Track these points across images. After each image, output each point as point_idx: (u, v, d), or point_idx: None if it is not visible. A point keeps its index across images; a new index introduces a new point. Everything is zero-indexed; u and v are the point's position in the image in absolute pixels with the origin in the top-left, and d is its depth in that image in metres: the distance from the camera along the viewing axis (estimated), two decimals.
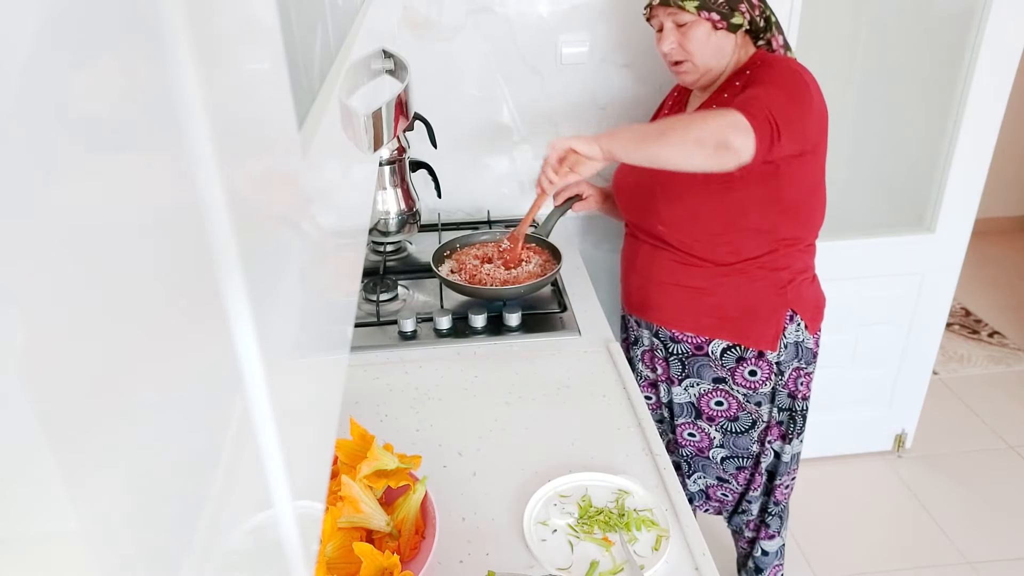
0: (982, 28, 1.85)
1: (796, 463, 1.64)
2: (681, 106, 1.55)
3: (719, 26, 1.36)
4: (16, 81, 0.15)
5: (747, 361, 1.50)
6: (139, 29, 0.21)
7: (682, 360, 1.56)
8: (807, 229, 1.46)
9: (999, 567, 2.05)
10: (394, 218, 1.80)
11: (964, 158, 2.00)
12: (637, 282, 1.59)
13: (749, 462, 1.61)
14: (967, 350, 3.00)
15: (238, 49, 0.29)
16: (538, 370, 1.40)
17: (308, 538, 0.36)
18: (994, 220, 3.79)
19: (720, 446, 1.61)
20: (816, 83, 1.35)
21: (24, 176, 0.15)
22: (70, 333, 0.17)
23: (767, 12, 1.40)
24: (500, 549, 1.01)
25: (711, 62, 1.40)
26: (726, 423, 1.58)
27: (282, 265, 0.34)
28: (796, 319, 1.48)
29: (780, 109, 1.23)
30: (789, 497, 1.68)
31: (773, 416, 1.55)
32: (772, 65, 1.36)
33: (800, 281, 1.47)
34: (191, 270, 0.24)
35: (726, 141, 1.18)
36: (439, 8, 1.79)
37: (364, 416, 1.25)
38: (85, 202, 0.18)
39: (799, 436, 1.59)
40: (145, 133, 0.21)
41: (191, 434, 0.24)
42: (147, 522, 0.21)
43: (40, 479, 0.16)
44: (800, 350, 1.50)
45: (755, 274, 1.45)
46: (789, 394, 1.53)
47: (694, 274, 1.48)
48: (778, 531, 1.70)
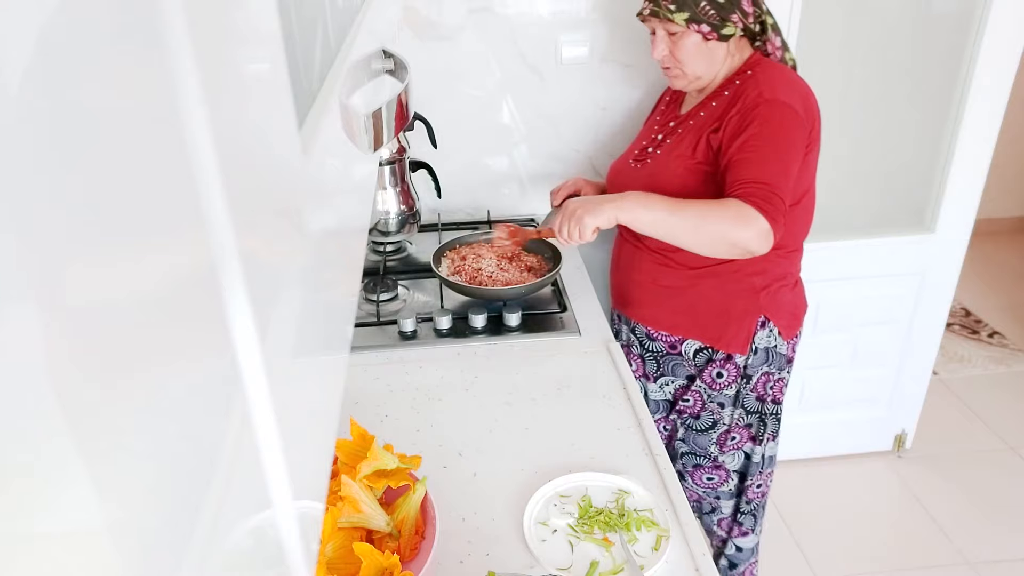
0: (982, 28, 1.85)
1: (771, 465, 1.64)
2: (676, 107, 1.55)
3: (709, 37, 1.35)
4: (16, 77, 0.15)
5: (715, 363, 1.51)
6: (139, 29, 0.21)
7: (657, 358, 1.58)
8: (788, 237, 1.43)
9: (998, 567, 2.05)
10: (394, 218, 1.80)
11: (964, 158, 2.00)
12: (619, 279, 1.63)
13: (707, 462, 1.62)
14: (967, 350, 3.00)
15: (238, 49, 0.29)
16: (538, 370, 1.40)
17: (308, 538, 0.36)
18: (994, 220, 3.79)
19: (682, 440, 1.63)
20: (805, 93, 1.36)
21: (24, 175, 0.15)
22: (69, 333, 0.17)
23: (762, 16, 1.39)
24: (500, 549, 1.01)
25: (701, 70, 1.40)
26: (689, 419, 1.60)
27: (282, 265, 0.34)
28: (769, 325, 1.48)
29: (785, 185, 1.27)
30: (764, 497, 1.68)
31: (736, 420, 1.55)
32: (768, 109, 1.31)
33: (777, 287, 1.47)
34: (191, 270, 0.24)
35: (753, 250, 1.26)
36: (439, 8, 1.79)
37: (364, 416, 1.25)
38: (85, 203, 0.18)
39: (773, 438, 1.59)
40: (145, 133, 0.21)
41: (191, 434, 0.24)
42: (147, 522, 0.21)
43: (41, 479, 0.16)
44: (771, 355, 1.50)
45: (728, 277, 1.45)
46: (757, 397, 1.53)
47: (670, 274, 1.49)
48: (752, 529, 1.69)
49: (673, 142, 1.46)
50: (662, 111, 1.60)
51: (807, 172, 1.40)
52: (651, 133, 1.55)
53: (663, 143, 1.49)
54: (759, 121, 1.30)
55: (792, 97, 1.33)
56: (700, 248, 1.31)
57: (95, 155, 0.18)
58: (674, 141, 1.46)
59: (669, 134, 1.49)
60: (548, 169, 2.00)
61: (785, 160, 1.29)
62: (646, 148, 1.53)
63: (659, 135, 1.52)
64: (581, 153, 1.99)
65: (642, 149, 1.54)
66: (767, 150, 1.29)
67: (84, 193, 0.18)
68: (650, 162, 1.48)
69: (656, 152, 1.49)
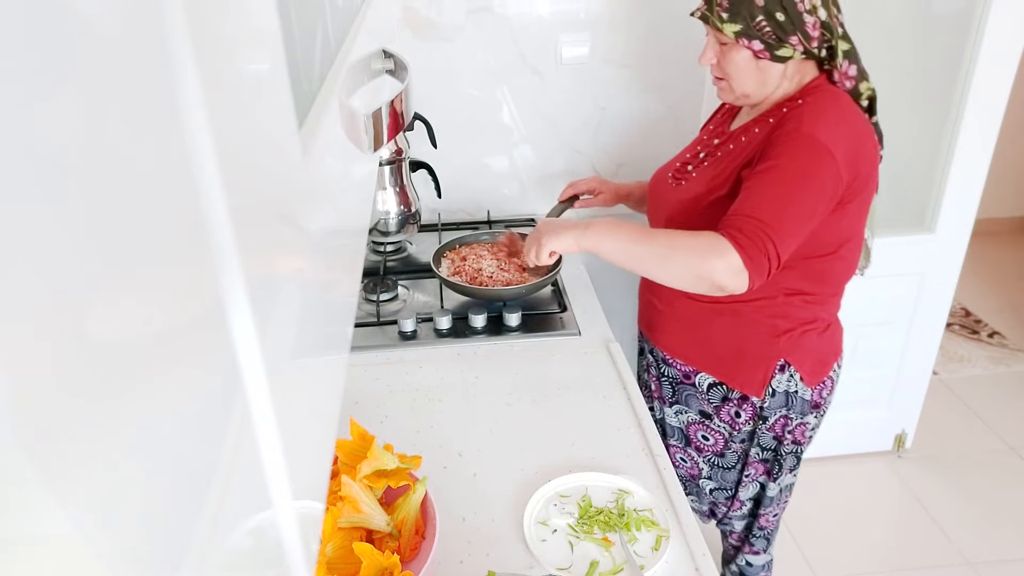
0: (982, 28, 1.85)
1: (788, 492, 1.59)
2: (728, 120, 1.41)
3: (761, 56, 1.20)
4: (14, 84, 0.15)
5: (732, 401, 1.43)
6: (139, 29, 0.21)
7: (672, 384, 1.52)
8: (821, 284, 1.32)
9: (998, 567, 2.05)
10: (394, 218, 1.80)
11: (964, 158, 2.00)
12: (645, 298, 1.55)
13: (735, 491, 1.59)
14: (967, 350, 3.00)
15: (238, 49, 0.29)
16: (538, 370, 1.40)
17: (308, 538, 0.36)
18: (994, 220, 3.79)
19: (708, 478, 1.57)
20: (856, 138, 1.21)
21: (24, 174, 0.15)
22: (69, 333, 0.17)
23: (831, 41, 1.21)
24: (500, 549, 1.01)
25: (750, 89, 1.26)
26: (713, 457, 1.54)
27: (282, 265, 0.34)
28: (789, 370, 1.37)
29: (783, 230, 1.13)
30: (778, 521, 1.65)
31: (754, 454, 1.49)
32: (798, 144, 1.17)
33: (802, 332, 1.36)
34: (190, 270, 0.24)
35: (722, 286, 1.14)
36: (439, 8, 1.79)
37: (364, 416, 1.25)
38: (84, 206, 0.18)
39: (791, 472, 1.52)
40: (144, 134, 0.21)
41: (192, 434, 0.24)
42: (148, 522, 0.21)
43: (41, 480, 0.16)
44: (791, 400, 1.40)
45: (749, 317, 1.35)
46: (774, 437, 1.45)
47: (689, 306, 1.40)
48: (764, 550, 1.67)
49: (710, 165, 1.34)
50: (717, 119, 1.47)
51: (846, 222, 1.25)
52: (697, 146, 1.43)
53: (702, 164, 1.37)
54: (785, 155, 1.17)
55: (834, 138, 1.17)
56: (670, 281, 1.20)
57: (95, 156, 0.18)
58: (711, 164, 1.34)
59: (711, 153, 1.36)
60: (548, 169, 2.00)
61: (796, 202, 1.15)
62: (686, 165, 1.40)
63: (703, 152, 1.39)
64: (581, 153, 1.99)
65: (683, 163, 1.42)
66: (777, 186, 1.16)
67: (83, 195, 0.18)
68: (684, 184, 1.37)
69: (693, 174, 1.37)
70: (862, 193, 1.24)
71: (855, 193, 1.23)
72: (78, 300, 0.18)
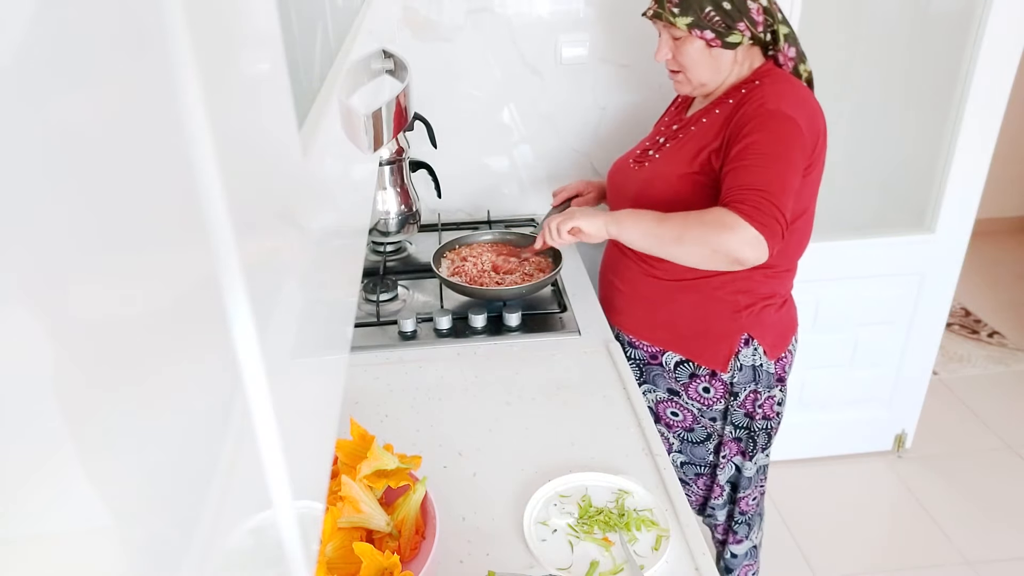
0: (982, 28, 1.85)
1: (763, 474, 1.62)
2: (683, 110, 1.52)
3: (713, 44, 1.32)
4: (10, 81, 0.15)
5: (701, 378, 1.48)
6: (139, 29, 0.21)
7: (640, 366, 1.56)
8: (781, 257, 1.37)
9: (998, 567, 2.05)
10: (394, 218, 1.80)
11: (964, 158, 2.00)
12: (604, 284, 1.61)
13: (707, 469, 1.61)
14: (967, 350, 3.00)
15: (238, 49, 0.30)
16: (538, 370, 1.40)
17: (308, 538, 0.36)
18: (994, 220, 3.79)
19: (679, 451, 1.61)
20: (812, 110, 1.31)
21: (23, 174, 0.15)
22: (69, 333, 0.17)
23: (774, 26, 1.33)
24: (500, 549, 1.01)
25: (705, 77, 1.37)
26: (682, 432, 1.57)
27: (282, 265, 0.34)
28: (753, 343, 1.44)
29: (784, 195, 1.22)
30: (758, 506, 1.67)
31: (728, 433, 1.53)
32: (769, 120, 1.27)
33: (762, 307, 1.43)
34: (191, 270, 0.24)
35: (741, 258, 1.21)
36: (439, 8, 1.79)
37: (364, 416, 1.25)
38: (85, 204, 0.18)
39: (763, 451, 1.56)
40: (145, 134, 0.21)
41: (192, 434, 0.24)
42: (147, 522, 0.21)
43: (41, 479, 0.16)
44: (758, 374, 1.46)
45: (710, 294, 1.42)
46: (746, 414, 1.50)
47: (651, 285, 1.47)
48: (746, 536, 1.69)
49: (673, 147, 1.43)
50: (671, 112, 1.57)
51: (806, 192, 1.35)
52: (656, 135, 1.53)
53: (663, 147, 1.46)
54: (759, 130, 1.26)
55: (797, 111, 1.27)
56: (688, 259, 1.28)
57: (95, 156, 0.18)
58: (674, 146, 1.43)
59: (671, 138, 1.46)
60: (548, 169, 2.00)
61: (783, 171, 1.24)
62: (648, 150, 1.50)
63: (662, 138, 1.49)
64: (581, 153, 1.99)
65: (644, 150, 1.51)
66: (764, 158, 1.24)
67: (84, 194, 0.18)
68: (648, 165, 1.46)
69: (656, 156, 1.46)
70: (817, 163, 1.34)
71: (814, 162, 1.32)
72: (78, 300, 0.18)
